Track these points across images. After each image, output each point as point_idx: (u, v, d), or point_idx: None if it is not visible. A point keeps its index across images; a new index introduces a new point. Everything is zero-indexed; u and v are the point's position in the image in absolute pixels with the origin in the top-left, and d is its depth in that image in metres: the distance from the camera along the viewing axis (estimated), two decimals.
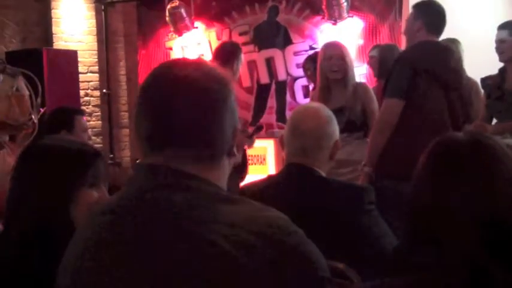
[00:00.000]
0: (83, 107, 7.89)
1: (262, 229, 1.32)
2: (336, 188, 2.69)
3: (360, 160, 4.58)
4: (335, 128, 2.80)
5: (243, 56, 6.19)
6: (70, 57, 7.46)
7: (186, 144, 1.41)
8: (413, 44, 4.46)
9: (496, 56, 5.27)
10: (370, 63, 6.32)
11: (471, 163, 1.55)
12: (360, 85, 5.13)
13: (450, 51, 4.61)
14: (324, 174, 2.76)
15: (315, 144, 2.72)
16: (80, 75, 7.83)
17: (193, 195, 1.38)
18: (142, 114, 1.45)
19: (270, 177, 2.90)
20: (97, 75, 8.20)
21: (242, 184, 5.77)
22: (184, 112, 1.40)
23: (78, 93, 7.67)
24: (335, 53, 4.94)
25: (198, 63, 1.48)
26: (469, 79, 5.57)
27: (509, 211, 1.49)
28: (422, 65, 4.36)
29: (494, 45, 5.27)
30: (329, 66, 4.91)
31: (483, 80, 5.44)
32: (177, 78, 1.42)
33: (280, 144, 2.85)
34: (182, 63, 1.48)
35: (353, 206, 2.59)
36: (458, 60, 4.69)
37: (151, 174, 1.41)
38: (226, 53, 6.21)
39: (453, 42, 5.63)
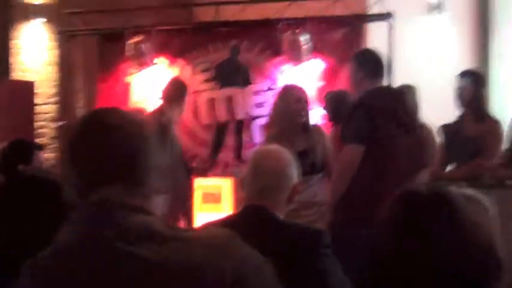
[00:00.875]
0: (39, 139, 7.79)
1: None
2: (292, 231, 2.69)
3: (323, 202, 4.60)
4: (295, 171, 2.84)
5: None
6: (26, 87, 7.37)
7: (121, 181, 1.57)
8: (369, 90, 4.54)
9: (452, 104, 5.38)
10: (325, 108, 6.41)
11: (433, 216, 1.57)
12: (316, 127, 5.18)
13: (405, 96, 4.68)
14: (281, 216, 2.76)
15: (274, 185, 2.75)
16: (38, 107, 7.75)
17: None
18: (77, 157, 1.61)
19: (228, 217, 2.89)
20: (55, 106, 8.12)
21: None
22: (114, 155, 1.58)
23: (32, 124, 7.57)
24: (303, 96, 5.00)
25: (121, 113, 1.66)
26: (425, 124, 5.65)
27: (469, 261, 1.51)
28: (381, 110, 4.42)
29: (452, 93, 5.38)
30: (298, 110, 4.95)
31: (441, 126, 5.53)
32: (104, 127, 1.60)
33: (240, 185, 2.85)
34: (107, 112, 1.66)
35: (309, 249, 2.58)
36: (413, 105, 4.78)
37: (98, 210, 1.54)
38: (177, 90, 6.27)
39: (409, 88, 5.72)
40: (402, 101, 4.60)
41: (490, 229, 2.12)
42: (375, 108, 4.43)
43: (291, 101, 4.96)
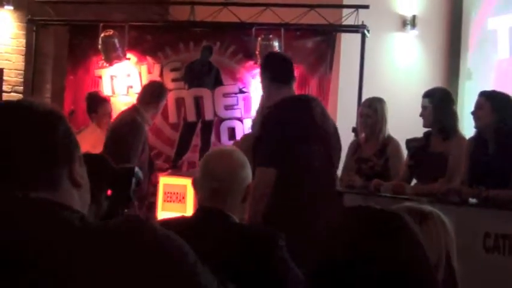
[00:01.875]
0: None
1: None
2: (246, 233, 2.68)
3: None
4: (248, 172, 2.81)
5: (166, 97, 6.26)
6: None
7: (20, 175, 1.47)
8: (275, 104, 4.45)
9: (419, 119, 5.43)
10: None
11: (382, 234, 1.58)
12: None
13: (313, 104, 4.61)
14: (237, 218, 2.75)
15: (226, 187, 2.71)
16: (3, 94, 7.66)
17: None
18: None
19: (183, 218, 2.87)
20: (21, 95, 8.03)
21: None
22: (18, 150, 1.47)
23: None
24: None
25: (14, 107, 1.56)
26: (392, 139, 5.71)
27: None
28: (292, 122, 4.36)
29: (416, 108, 5.43)
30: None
31: (408, 141, 5.59)
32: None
33: (193, 186, 2.82)
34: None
35: (264, 252, 2.58)
36: (323, 112, 4.71)
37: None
38: (153, 93, 6.27)
39: (379, 101, 5.76)
40: (311, 109, 4.51)
41: (439, 245, 2.16)
42: (286, 122, 4.34)
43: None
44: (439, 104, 5.25)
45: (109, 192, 1.89)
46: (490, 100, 4.84)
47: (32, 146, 1.47)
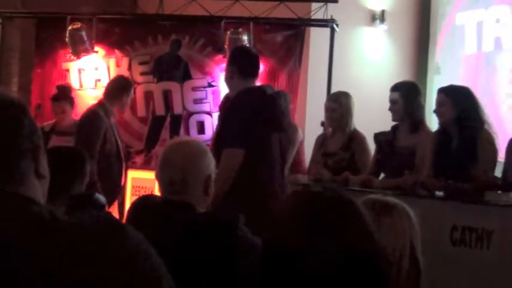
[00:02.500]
0: None
1: None
2: (206, 221, 2.66)
3: None
4: (209, 163, 2.77)
5: (132, 91, 6.21)
6: None
7: None
8: (240, 92, 4.60)
9: (387, 113, 5.44)
10: None
11: (329, 215, 1.59)
12: None
13: (277, 96, 4.77)
14: (201, 208, 2.71)
15: (182, 177, 2.68)
16: None
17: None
18: None
19: (149, 208, 2.83)
20: None
21: None
22: None
23: None
24: None
25: None
26: (357, 132, 5.72)
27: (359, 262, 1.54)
28: (258, 112, 4.52)
29: (385, 102, 5.44)
30: None
31: (376, 135, 5.59)
32: None
33: (156, 178, 2.79)
34: None
35: (224, 236, 2.56)
36: (285, 105, 4.85)
37: None
38: (118, 88, 6.26)
39: (345, 95, 5.77)
40: (274, 101, 4.65)
41: (403, 237, 2.16)
42: (250, 110, 4.50)
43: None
44: (409, 97, 5.27)
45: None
46: (450, 96, 4.89)
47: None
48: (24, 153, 1.48)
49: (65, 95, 6.87)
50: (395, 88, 5.38)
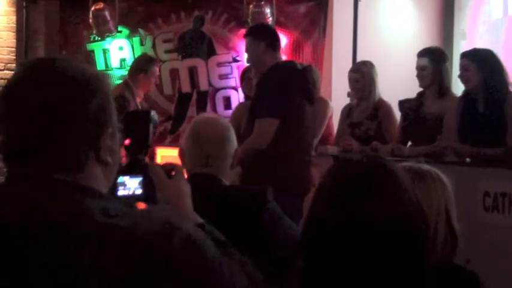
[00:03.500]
0: None
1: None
2: (238, 193, 2.73)
3: None
4: (234, 138, 2.84)
5: (155, 69, 6.18)
6: None
7: (44, 153, 1.35)
8: (273, 66, 4.69)
9: (414, 81, 5.40)
10: None
11: (376, 183, 1.61)
12: None
13: (309, 69, 4.91)
14: (227, 183, 2.76)
15: (218, 151, 2.73)
16: None
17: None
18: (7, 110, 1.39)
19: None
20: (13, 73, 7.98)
21: None
22: (32, 120, 1.35)
23: None
24: None
25: (51, 62, 1.41)
26: (383, 101, 5.68)
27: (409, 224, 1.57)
28: (293, 84, 4.61)
29: (411, 70, 5.39)
30: None
31: (401, 102, 5.55)
32: (28, 84, 1.37)
33: (180, 156, 2.81)
34: (36, 66, 1.42)
35: (253, 206, 2.59)
36: (316, 78, 5.03)
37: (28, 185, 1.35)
38: (139, 66, 6.24)
39: (367, 64, 5.73)
40: (306, 74, 4.77)
41: (438, 203, 2.15)
42: (285, 82, 4.59)
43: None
44: (438, 62, 5.23)
45: (127, 141, 1.84)
46: (474, 60, 4.83)
47: (61, 123, 1.35)
48: (84, 136, 1.38)
49: None
50: (424, 54, 5.32)
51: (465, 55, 4.96)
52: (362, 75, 5.64)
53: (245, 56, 7.10)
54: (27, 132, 1.35)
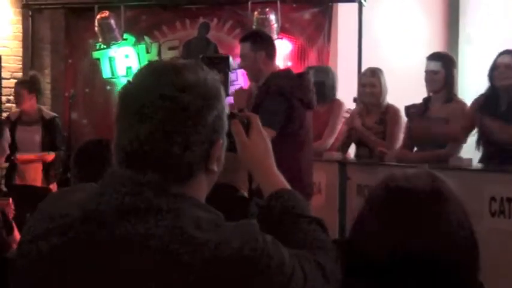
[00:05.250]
0: (4, 114, 7.69)
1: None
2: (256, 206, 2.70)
3: None
4: None
5: None
6: None
7: (157, 164, 1.34)
8: (273, 74, 4.68)
9: (419, 86, 5.39)
10: None
11: (427, 207, 1.62)
12: None
13: (305, 75, 4.90)
14: (244, 193, 2.77)
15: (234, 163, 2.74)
16: (3, 81, 7.64)
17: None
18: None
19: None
20: None
21: None
22: (151, 129, 1.33)
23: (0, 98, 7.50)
24: None
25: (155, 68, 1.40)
26: (391, 106, 5.68)
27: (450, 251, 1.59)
28: (295, 95, 4.60)
29: (419, 74, 5.38)
30: None
31: (407, 108, 5.54)
32: (151, 93, 1.35)
33: None
34: (161, 73, 1.39)
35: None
36: (312, 84, 4.91)
37: (135, 187, 1.33)
38: None
39: (381, 71, 5.71)
40: (302, 81, 4.74)
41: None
42: (290, 95, 4.57)
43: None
44: (450, 67, 5.23)
45: None
46: None
47: (182, 132, 1.33)
48: (200, 148, 1.36)
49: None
50: (436, 58, 5.29)
51: (509, 52, 4.94)
52: (379, 80, 5.64)
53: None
54: (144, 141, 1.33)
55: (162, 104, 1.33)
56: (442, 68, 5.19)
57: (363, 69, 6.23)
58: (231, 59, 1.68)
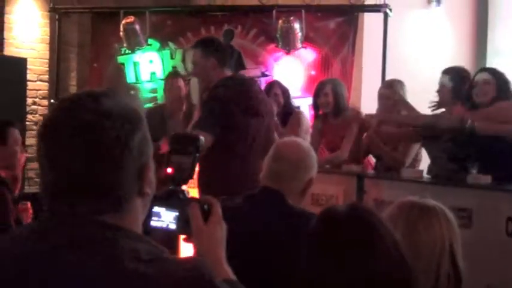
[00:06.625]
0: (30, 116, 7.76)
1: None
2: (299, 218, 2.74)
3: None
4: (314, 165, 2.93)
5: (169, 82, 6.29)
6: (18, 64, 7.36)
7: (88, 194, 1.33)
8: (220, 80, 4.65)
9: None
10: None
11: (350, 235, 1.64)
12: None
13: (252, 81, 4.97)
14: (291, 202, 2.83)
15: (290, 171, 2.84)
16: (29, 83, 7.71)
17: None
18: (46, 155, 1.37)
19: (247, 196, 2.93)
20: (47, 84, 8.08)
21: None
22: (77, 160, 1.31)
23: (25, 101, 7.55)
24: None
25: (96, 99, 1.36)
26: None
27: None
28: (234, 101, 4.56)
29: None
30: None
31: None
32: (71, 122, 1.33)
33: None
34: (78, 102, 1.36)
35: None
36: (260, 90, 4.99)
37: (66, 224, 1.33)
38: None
39: (400, 82, 5.66)
40: (249, 88, 4.76)
41: (441, 241, 2.10)
42: (221, 95, 4.54)
43: None
44: (459, 82, 5.17)
45: (169, 170, 1.76)
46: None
47: (107, 162, 1.32)
48: (130, 173, 1.35)
49: None
50: (446, 72, 5.30)
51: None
52: (394, 92, 5.57)
53: (274, 70, 7.13)
54: (72, 173, 1.31)
55: (84, 133, 1.31)
56: (450, 81, 5.18)
57: None
58: (202, 139, 1.63)
